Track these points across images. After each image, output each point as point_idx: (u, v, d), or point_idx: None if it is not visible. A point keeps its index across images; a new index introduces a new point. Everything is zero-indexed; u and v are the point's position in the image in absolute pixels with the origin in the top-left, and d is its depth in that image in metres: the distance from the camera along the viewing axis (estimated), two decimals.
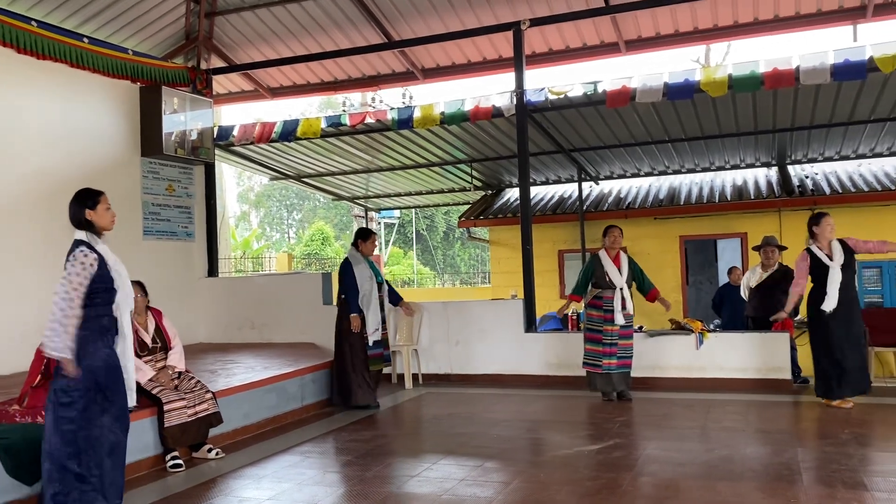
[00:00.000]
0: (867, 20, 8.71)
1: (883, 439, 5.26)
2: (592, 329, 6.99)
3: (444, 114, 8.78)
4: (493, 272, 14.17)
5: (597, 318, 6.98)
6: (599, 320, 6.96)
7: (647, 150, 11.43)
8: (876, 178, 11.85)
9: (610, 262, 7.01)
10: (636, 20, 9.11)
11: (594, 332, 6.98)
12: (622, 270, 7.00)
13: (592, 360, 6.98)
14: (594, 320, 7.00)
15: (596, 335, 6.96)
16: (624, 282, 6.97)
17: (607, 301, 6.94)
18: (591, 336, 7.00)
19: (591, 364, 6.99)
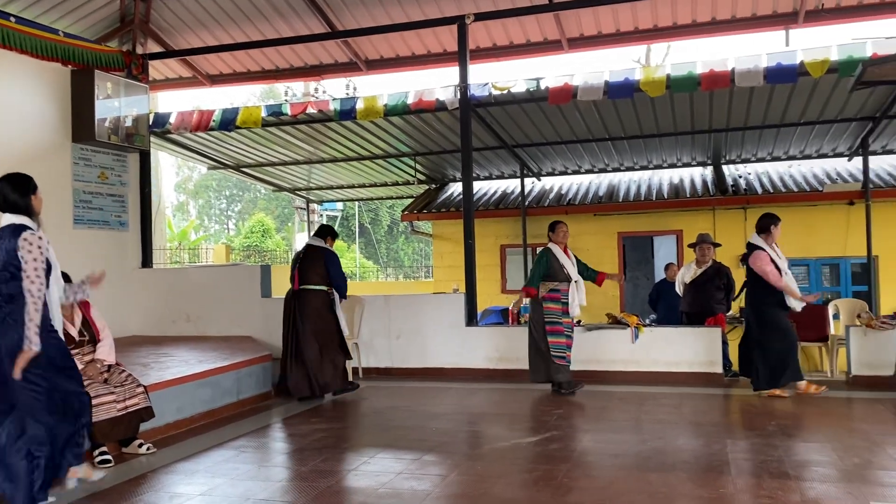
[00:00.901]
0: (799, 26, 9.00)
1: (807, 431, 5.46)
2: (554, 322, 7.03)
3: (387, 106, 8.71)
4: (436, 266, 14.18)
5: (556, 310, 7.04)
6: (559, 313, 7.04)
7: (587, 148, 11.59)
8: (805, 179, 12.30)
9: (563, 255, 7.13)
10: (578, 18, 9.21)
11: (556, 324, 7.03)
12: (572, 263, 7.14)
13: (560, 353, 7.01)
14: (554, 313, 7.04)
15: (558, 327, 7.02)
16: (577, 274, 7.10)
17: (564, 294, 7.04)
18: (553, 329, 7.02)
19: (559, 356, 7.02)
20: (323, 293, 6.95)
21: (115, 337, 5.35)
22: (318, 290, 6.93)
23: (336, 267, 7.04)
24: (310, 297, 6.92)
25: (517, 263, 13.13)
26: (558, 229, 7.22)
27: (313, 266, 6.97)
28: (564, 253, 7.17)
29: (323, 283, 6.95)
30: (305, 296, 6.92)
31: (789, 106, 9.35)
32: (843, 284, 12.07)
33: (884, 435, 5.09)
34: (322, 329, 6.91)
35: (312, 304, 6.91)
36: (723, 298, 8.44)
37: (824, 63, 7.40)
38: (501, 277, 13.46)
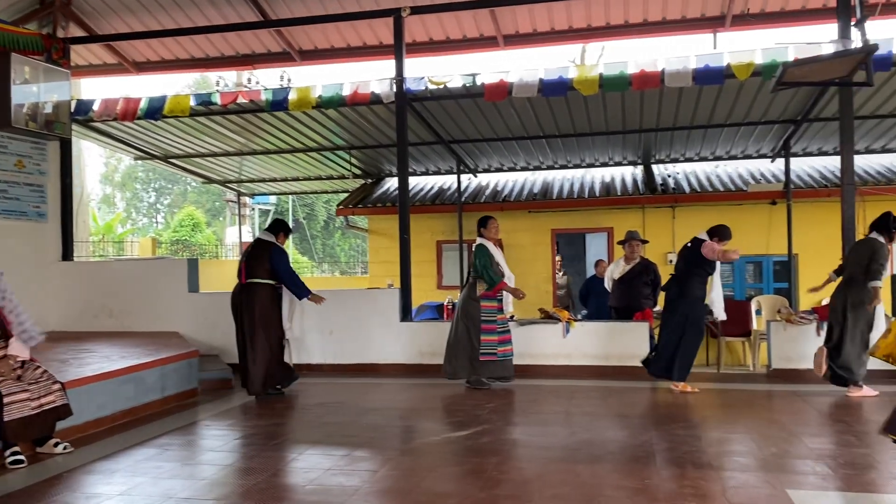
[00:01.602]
0: (726, 29, 9.27)
1: (728, 422, 5.62)
2: (488, 320, 7.03)
3: (321, 97, 8.58)
4: (371, 262, 14.08)
5: (492, 308, 7.06)
6: (494, 310, 7.06)
7: (522, 145, 11.69)
8: (730, 178, 12.72)
9: (497, 251, 7.15)
10: (514, 16, 9.27)
11: (490, 322, 7.03)
12: (501, 256, 7.19)
13: (488, 350, 7.02)
14: (490, 311, 7.05)
15: (492, 325, 7.03)
16: (509, 270, 7.16)
17: (498, 290, 7.07)
18: (487, 327, 7.02)
19: (487, 353, 7.02)
20: (270, 287, 6.88)
21: None
22: (264, 283, 6.86)
23: (283, 263, 6.93)
24: (256, 292, 6.85)
25: (453, 259, 13.15)
26: (490, 225, 7.21)
27: (261, 261, 6.90)
28: (497, 248, 7.20)
29: (270, 277, 6.88)
30: (252, 290, 6.85)
31: (716, 107, 9.63)
32: (765, 281, 12.53)
33: (800, 425, 5.29)
34: (269, 324, 6.86)
35: (258, 299, 6.84)
36: (650, 294, 8.64)
37: (749, 66, 7.64)
38: (437, 273, 13.46)
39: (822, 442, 4.74)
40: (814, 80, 5.67)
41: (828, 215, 10.25)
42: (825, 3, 8.79)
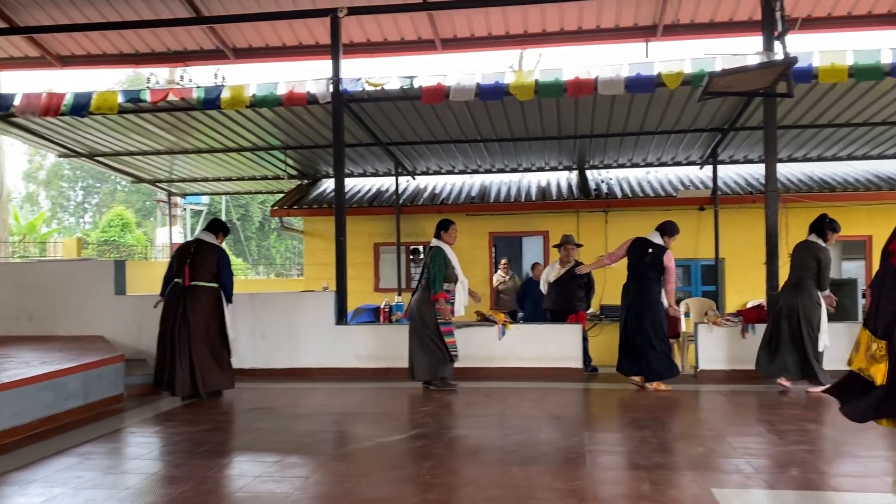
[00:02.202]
0: (657, 39, 9.53)
1: (657, 422, 5.75)
2: (446, 322, 7.09)
3: (255, 97, 8.41)
4: (307, 264, 13.89)
5: (450, 311, 7.12)
6: (451, 313, 7.13)
7: (460, 148, 11.74)
8: (661, 185, 13.05)
9: (453, 253, 7.19)
10: (452, 20, 9.31)
11: (448, 324, 7.10)
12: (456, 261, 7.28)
13: (455, 352, 7.12)
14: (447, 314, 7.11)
15: (450, 327, 7.10)
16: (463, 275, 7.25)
17: (452, 294, 7.12)
18: (448, 329, 7.10)
19: (455, 356, 7.12)
20: (214, 290, 6.84)
21: None
22: (209, 287, 6.81)
23: (228, 267, 6.93)
24: (201, 295, 6.77)
25: (391, 262, 13.10)
26: (451, 229, 7.28)
27: (205, 263, 6.81)
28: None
29: (214, 280, 6.83)
30: (196, 292, 6.76)
31: (648, 115, 9.87)
32: (693, 284, 12.90)
33: (725, 425, 5.45)
34: (212, 327, 6.81)
35: (204, 302, 6.77)
36: (584, 296, 8.80)
37: (679, 75, 7.85)
38: (375, 276, 13.38)
39: (745, 441, 4.89)
40: (738, 90, 5.88)
41: (752, 221, 10.63)
42: (751, 16, 9.13)
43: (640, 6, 9.15)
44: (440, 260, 7.04)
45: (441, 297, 6.99)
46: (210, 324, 6.80)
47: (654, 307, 7.14)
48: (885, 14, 9.21)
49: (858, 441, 4.85)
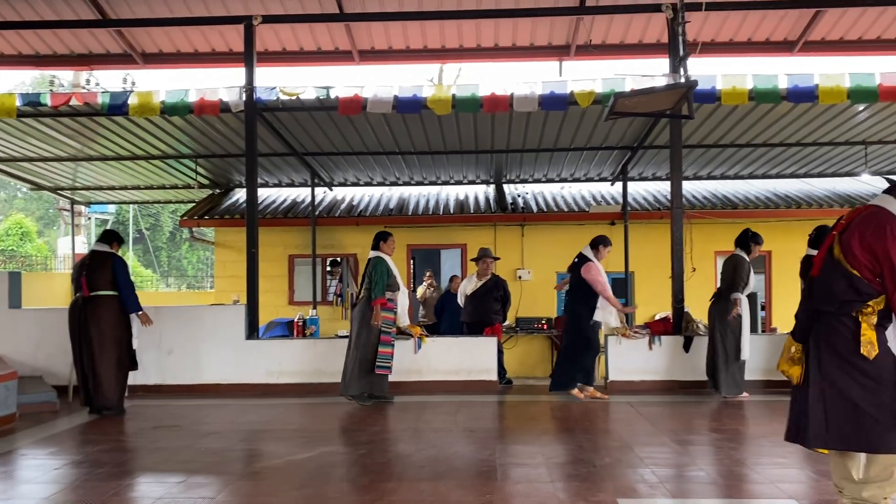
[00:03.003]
0: (571, 58, 9.78)
1: (567, 434, 5.85)
2: (387, 332, 7.09)
3: (165, 104, 8.15)
4: (218, 277, 13.51)
5: (391, 320, 7.15)
6: (391, 322, 7.15)
7: (379, 160, 11.70)
8: (574, 200, 13.37)
9: (394, 265, 7.24)
10: (370, 31, 9.29)
11: (388, 334, 7.10)
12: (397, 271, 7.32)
13: (387, 363, 7.06)
14: (388, 323, 7.13)
15: (389, 338, 7.10)
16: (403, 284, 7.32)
17: (395, 303, 7.18)
18: (386, 339, 7.08)
19: (385, 367, 7.05)
20: (115, 299, 6.65)
21: None
22: (110, 295, 6.62)
23: (125, 275, 6.74)
24: (102, 304, 6.58)
25: (306, 274, 12.89)
26: (390, 240, 7.36)
27: (102, 272, 6.64)
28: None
29: (113, 288, 6.65)
30: (97, 303, 6.57)
31: (561, 132, 10.10)
32: None
33: (632, 435, 5.60)
34: (117, 337, 6.63)
35: (104, 312, 6.58)
36: (500, 309, 8.88)
37: (590, 94, 8.08)
38: (289, 288, 13.13)
39: (651, 451, 5.03)
40: (642, 111, 6.09)
41: (660, 236, 10.99)
42: (659, 38, 9.48)
43: (554, 26, 9.37)
44: (382, 268, 7.10)
45: (380, 302, 7.01)
46: (116, 334, 6.62)
47: (575, 321, 7.28)
48: (782, 41, 9.75)
49: (759, 450, 5.07)
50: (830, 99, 7.96)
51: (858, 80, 7.91)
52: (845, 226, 3.14)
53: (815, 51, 9.85)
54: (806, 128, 9.96)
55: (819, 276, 3.17)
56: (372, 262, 7.18)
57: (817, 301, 3.13)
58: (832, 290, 3.07)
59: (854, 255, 3.01)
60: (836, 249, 3.10)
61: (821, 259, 3.19)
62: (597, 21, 9.17)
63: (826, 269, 3.13)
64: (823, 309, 3.09)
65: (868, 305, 3.01)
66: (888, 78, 7.87)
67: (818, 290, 3.14)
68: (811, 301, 3.17)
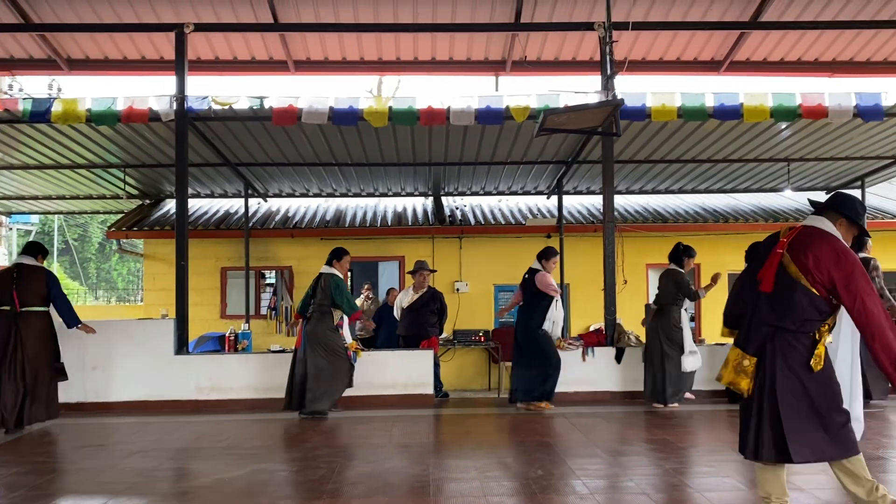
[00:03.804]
0: (506, 73, 9.91)
1: (501, 447, 5.87)
2: (346, 348, 7.21)
3: (91, 111, 7.89)
4: (147, 290, 13.10)
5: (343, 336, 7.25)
6: (343, 339, 7.24)
7: (314, 171, 11.57)
8: (511, 213, 13.51)
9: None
10: (305, 42, 9.21)
11: (347, 350, 7.22)
12: None
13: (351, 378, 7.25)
14: (343, 339, 7.24)
15: (348, 353, 7.22)
16: None
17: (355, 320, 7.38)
18: (348, 355, 7.21)
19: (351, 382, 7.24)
20: (46, 315, 6.55)
21: None
22: (41, 311, 6.51)
23: (59, 288, 6.66)
24: (33, 320, 6.46)
25: (239, 287, 12.62)
26: (345, 259, 7.42)
27: (32, 287, 6.50)
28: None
29: (44, 304, 6.55)
30: (28, 319, 6.43)
31: (498, 146, 10.19)
32: None
33: (565, 447, 5.65)
34: (44, 354, 6.51)
35: (36, 328, 6.46)
36: (436, 322, 8.87)
37: (525, 109, 8.18)
38: (221, 302, 12.84)
39: (583, 462, 5.08)
40: (571, 128, 6.20)
41: (594, 248, 11.15)
42: (592, 56, 9.69)
43: (490, 41, 9.48)
44: (343, 285, 7.20)
45: (358, 315, 7.29)
46: (42, 350, 6.51)
47: (528, 334, 7.35)
48: (710, 61, 10.09)
49: (689, 460, 5.18)
50: (754, 117, 8.27)
51: (781, 100, 8.25)
52: (789, 244, 3.27)
53: (741, 70, 10.23)
54: (732, 145, 10.31)
55: (775, 293, 3.27)
56: (331, 281, 7.17)
57: (778, 317, 3.24)
58: (793, 308, 3.20)
59: (811, 275, 3.16)
60: (793, 268, 3.23)
61: (772, 276, 3.29)
62: (531, 37, 9.31)
63: (783, 287, 3.24)
64: (784, 326, 3.21)
65: (825, 324, 3.20)
66: (808, 98, 8.22)
67: (777, 307, 3.24)
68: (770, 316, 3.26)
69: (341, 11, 8.63)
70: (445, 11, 8.77)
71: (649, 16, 8.87)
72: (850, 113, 8.21)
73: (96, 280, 34.81)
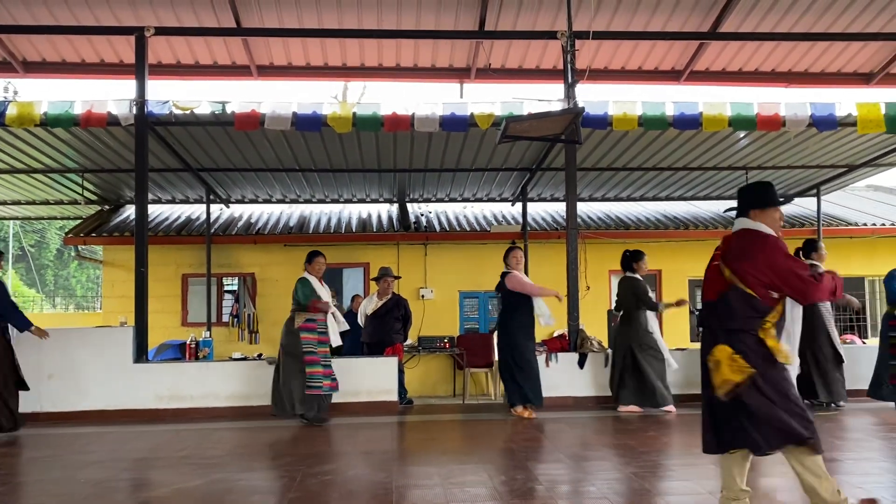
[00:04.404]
0: (471, 81, 9.96)
1: (466, 453, 5.87)
2: (310, 352, 6.96)
3: (48, 115, 7.73)
4: (106, 296, 12.84)
5: (311, 340, 7.00)
6: (314, 342, 7.01)
7: (278, 177, 11.48)
8: (476, 219, 13.56)
9: (319, 284, 7.15)
10: (268, 47, 9.15)
11: (311, 354, 6.96)
12: (328, 293, 7.24)
13: (316, 384, 6.93)
14: (310, 343, 7.00)
15: (314, 357, 6.97)
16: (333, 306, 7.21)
17: (321, 323, 7.05)
18: (311, 359, 6.95)
19: (314, 387, 6.92)
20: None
21: None
22: None
23: (4, 295, 6.49)
24: None
25: (200, 294, 12.44)
26: (315, 261, 7.32)
27: None
28: (321, 282, 7.24)
29: None
30: None
31: (463, 152, 10.23)
32: None
33: (529, 452, 5.67)
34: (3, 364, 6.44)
35: None
36: (401, 329, 8.85)
37: (490, 117, 8.23)
38: (182, 309, 12.64)
39: (546, 468, 5.11)
40: (533, 135, 6.25)
41: (558, 255, 11.25)
42: (555, 64, 9.79)
43: (454, 48, 9.52)
44: (301, 283, 7.15)
45: (313, 304, 7.06)
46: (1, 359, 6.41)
47: (510, 340, 7.35)
48: (670, 70, 10.27)
49: (649, 464, 5.23)
50: (713, 126, 8.43)
51: (738, 109, 8.42)
52: (722, 254, 3.51)
53: (701, 80, 10.44)
54: (692, 153, 10.49)
55: (718, 301, 3.48)
56: (297, 284, 7.21)
57: (723, 321, 3.44)
58: (734, 311, 3.40)
59: (747, 275, 3.36)
60: (727, 272, 3.44)
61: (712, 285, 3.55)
62: (496, 45, 9.37)
63: (723, 293, 3.46)
64: (729, 327, 3.40)
65: (766, 321, 3.35)
66: (765, 108, 8.41)
67: (721, 311, 3.45)
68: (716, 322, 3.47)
69: (305, 16, 8.60)
70: (409, 18, 8.79)
71: (611, 25, 8.99)
72: (805, 122, 8.41)
73: (54, 287, 34.06)
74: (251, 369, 7.71)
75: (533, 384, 7.30)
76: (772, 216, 3.52)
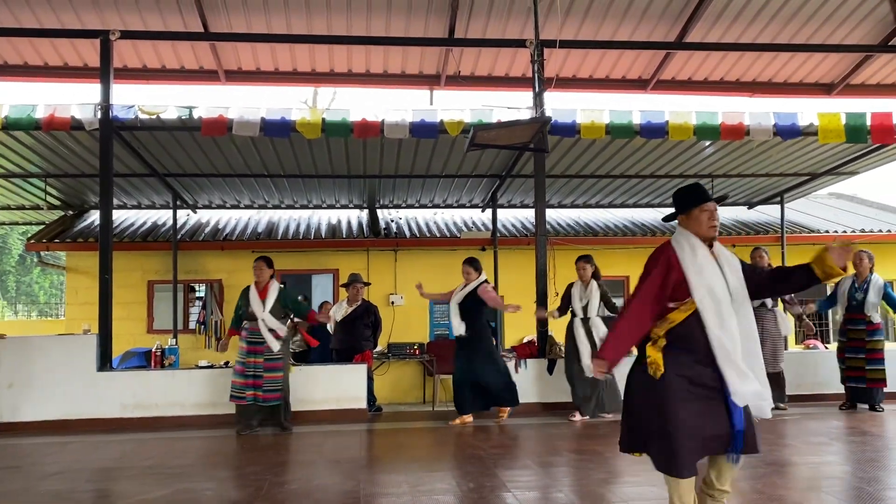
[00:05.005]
0: (441, 88, 9.97)
1: (434, 460, 5.86)
2: (239, 361, 6.99)
3: (8, 119, 7.58)
4: (69, 304, 12.60)
5: (242, 349, 7.03)
6: (244, 352, 6.99)
7: (246, 183, 11.38)
8: (446, 225, 13.59)
9: (255, 293, 7.09)
10: (237, 52, 9.07)
11: (240, 364, 6.97)
12: (267, 301, 7.05)
13: (237, 393, 6.92)
14: (240, 352, 7.03)
15: (240, 367, 6.95)
16: (266, 312, 7.00)
17: (252, 332, 7.00)
18: (238, 369, 6.97)
19: (236, 396, 6.93)
20: None
21: None
22: None
23: None
24: None
25: (167, 301, 12.27)
26: (254, 265, 7.32)
27: None
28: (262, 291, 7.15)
29: None
30: None
31: (433, 159, 10.24)
32: None
33: (497, 459, 5.67)
34: None
35: None
36: (370, 335, 8.82)
37: (459, 124, 8.24)
38: (148, 316, 12.45)
39: (514, 474, 5.12)
40: (501, 143, 6.27)
41: (527, 261, 11.29)
42: (524, 72, 9.85)
43: (424, 55, 9.53)
44: (240, 298, 7.21)
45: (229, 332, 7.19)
46: None
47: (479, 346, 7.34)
48: (637, 79, 10.39)
49: (616, 470, 5.27)
50: (679, 135, 8.53)
51: (704, 118, 8.54)
52: None
53: (667, 89, 10.57)
54: (659, 161, 10.62)
55: None
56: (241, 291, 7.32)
57: None
58: None
59: None
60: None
61: None
62: (465, 53, 9.40)
63: None
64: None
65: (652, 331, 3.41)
66: (729, 117, 8.55)
67: None
68: None
69: (274, 21, 8.54)
70: (379, 24, 8.78)
71: (580, 34, 9.07)
72: (769, 131, 8.56)
73: (16, 294, 33.32)
74: (218, 377, 7.61)
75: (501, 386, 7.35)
76: (696, 218, 3.50)
